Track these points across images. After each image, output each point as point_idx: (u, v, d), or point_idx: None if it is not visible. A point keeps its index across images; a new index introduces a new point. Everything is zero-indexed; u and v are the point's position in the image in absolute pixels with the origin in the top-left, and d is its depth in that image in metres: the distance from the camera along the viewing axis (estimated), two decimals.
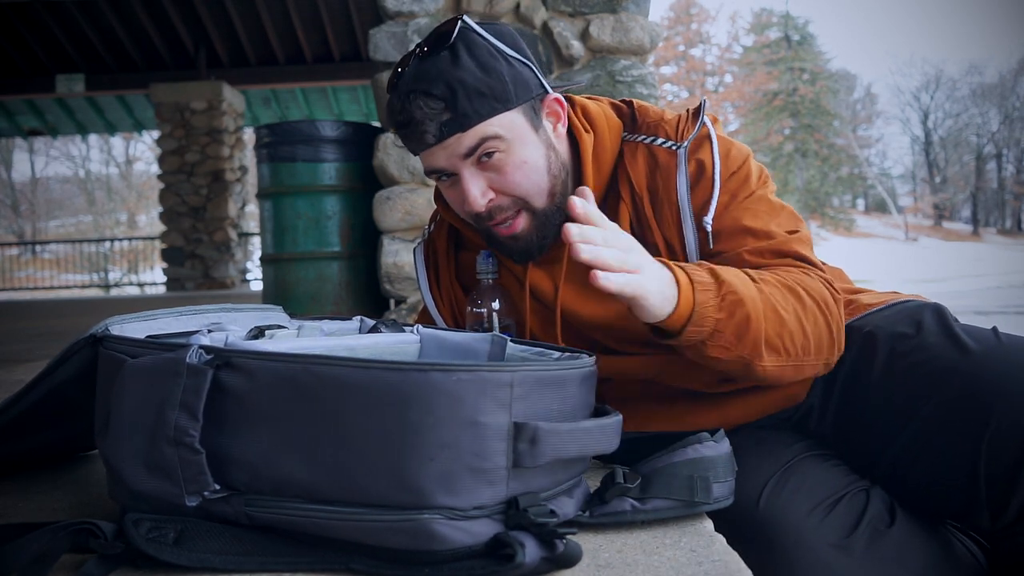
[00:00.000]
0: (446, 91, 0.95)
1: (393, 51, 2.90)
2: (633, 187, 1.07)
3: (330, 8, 8.57)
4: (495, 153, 0.99)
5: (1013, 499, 0.87)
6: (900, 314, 1.03)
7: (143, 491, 0.75)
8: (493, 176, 1.01)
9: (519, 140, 1.00)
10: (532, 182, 1.02)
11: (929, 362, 0.96)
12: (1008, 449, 0.87)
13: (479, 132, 0.97)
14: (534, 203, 1.03)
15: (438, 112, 0.96)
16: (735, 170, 1.05)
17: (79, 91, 9.52)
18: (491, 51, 0.98)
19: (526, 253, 1.07)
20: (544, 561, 0.69)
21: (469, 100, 0.95)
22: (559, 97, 1.06)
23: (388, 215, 2.92)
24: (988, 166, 39.50)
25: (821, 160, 35.17)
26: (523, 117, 1.00)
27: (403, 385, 0.68)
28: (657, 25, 2.98)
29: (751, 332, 0.89)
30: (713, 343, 0.89)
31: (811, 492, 0.99)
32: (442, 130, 0.97)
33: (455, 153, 0.99)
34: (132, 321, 0.96)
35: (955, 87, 39.29)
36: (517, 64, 1.00)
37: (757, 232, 1.02)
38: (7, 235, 28.05)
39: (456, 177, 1.02)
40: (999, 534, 0.91)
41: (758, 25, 38.27)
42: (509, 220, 1.04)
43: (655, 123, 1.08)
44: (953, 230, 37.13)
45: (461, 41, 0.96)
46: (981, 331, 0.97)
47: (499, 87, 0.97)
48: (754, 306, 0.89)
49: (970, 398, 0.91)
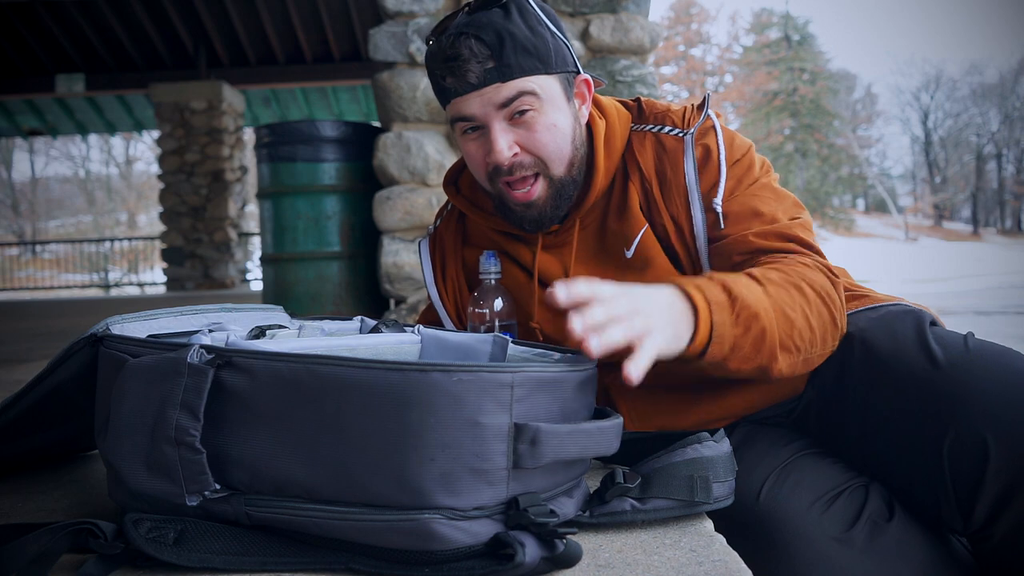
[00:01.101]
0: (495, 39, 0.99)
1: (393, 51, 2.90)
2: (643, 173, 1.11)
3: (330, 8, 8.57)
4: (528, 111, 1.02)
5: (978, 505, 0.88)
6: (882, 319, 1.04)
7: (143, 491, 0.75)
8: (522, 133, 1.04)
9: (552, 103, 1.04)
10: (557, 146, 1.05)
11: (897, 370, 0.97)
12: (969, 456, 0.87)
13: (518, 85, 1.01)
14: (553, 169, 1.06)
15: (484, 58, 1.00)
16: (739, 157, 1.09)
17: (79, 91, 9.52)
18: (539, 18, 1.03)
19: (538, 222, 1.10)
20: (544, 561, 0.69)
21: (515, 53, 1.00)
22: (588, 79, 1.10)
23: (388, 215, 2.92)
24: (988, 166, 39.53)
25: (821, 160, 35.20)
26: (559, 84, 1.05)
27: (404, 385, 0.68)
28: (657, 25, 2.98)
29: (767, 341, 0.90)
30: (733, 357, 0.90)
31: (811, 487, 1.00)
32: (486, 75, 1.00)
33: (491, 102, 1.01)
34: (132, 321, 0.96)
35: (955, 87, 39.34)
36: (559, 39, 1.05)
37: (763, 215, 1.05)
38: (7, 235, 28.06)
39: (484, 129, 1.04)
40: (973, 537, 0.92)
41: (758, 25, 38.28)
42: (528, 183, 1.06)
43: (662, 113, 1.13)
44: (953, 230, 37.15)
45: (513, 2, 1.02)
46: (953, 339, 0.97)
47: (544, 49, 1.02)
48: (767, 316, 0.90)
49: (932, 406, 0.91)
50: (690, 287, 0.87)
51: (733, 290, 0.89)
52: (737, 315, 0.88)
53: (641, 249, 1.10)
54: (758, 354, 0.91)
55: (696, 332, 0.86)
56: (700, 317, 0.86)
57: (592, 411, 0.83)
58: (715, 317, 0.86)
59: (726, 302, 0.88)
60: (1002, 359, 0.92)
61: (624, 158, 1.13)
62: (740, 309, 0.88)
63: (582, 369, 0.79)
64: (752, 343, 0.89)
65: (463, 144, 1.08)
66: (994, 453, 0.86)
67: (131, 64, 9.48)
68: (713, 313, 0.86)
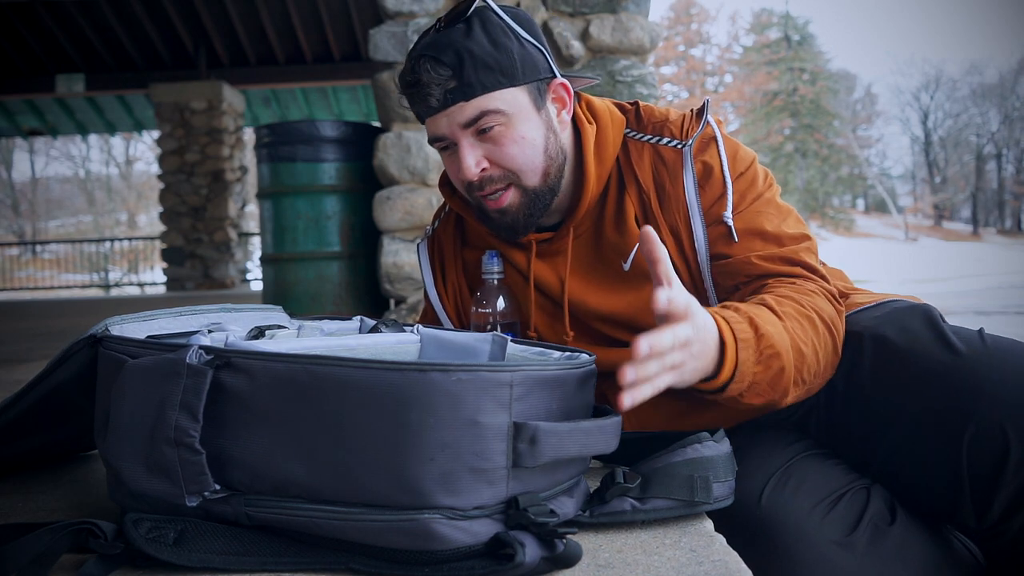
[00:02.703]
0: (454, 59, 0.99)
1: (393, 51, 2.90)
2: (640, 185, 1.09)
3: (330, 8, 8.57)
4: (494, 127, 1.02)
5: (996, 499, 0.88)
6: (890, 315, 1.03)
7: (143, 491, 0.75)
8: (490, 147, 1.04)
9: (520, 116, 1.03)
10: (527, 158, 1.04)
11: (914, 364, 0.96)
12: (989, 450, 0.87)
13: (480, 105, 1.01)
14: (525, 180, 1.06)
15: (444, 79, 1.00)
16: (743, 171, 1.07)
17: (79, 91, 9.51)
18: (504, 29, 1.02)
19: (512, 229, 1.10)
20: (544, 561, 0.69)
21: (475, 71, 0.99)
22: (565, 83, 1.09)
23: (388, 215, 2.92)
24: (988, 166, 39.51)
25: (821, 160, 35.19)
26: (527, 96, 1.04)
27: (403, 385, 0.68)
28: (657, 25, 2.98)
29: (783, 380, 0.91)
30: (749, 393, 0.90)
31: (812, 490, 0.99)
32: (447, 96, 1.00)
33: (456, 121, 1.02)
34: (132, 321, 0.96)
35: (955, 87, 39.32)
36: (528, 46, 1.04)
37: (767, 235, 1.04)
38: (7, 235, 28.05)
39: (456, 147, 1.05)
40: (986, 533, 0.92)
41: (758, 25, 38.27)
42: (499, 192, 1.06)
43: (660, 123, 1.11)
44: (953, 230, 37.13)
45: (477, 16, 1.01)
46: (967, 333, 0.97)
47: (507, 63, 1.01)
48: (787, 356, 0.90)
49: (952, 400, 0.91)
50: (719, 320, 0.86)
51: (760, 328, 0.88)
52: (760, 352, 0.88)
53: (639, 263, 1.09)
54: (773, 391, 0.91)
55: (721, 368, 0.85)
56: (727, 355, 0.85)
57: (591, 409, 0.83)
58: (740, 355, 0.86)
59: (752, 339, 0.87)
60: (1021, 352, 0.92)
61: (620, 166, 1.11)
62: (764, 347, 0.88)
63: (581, 368, 0.79)
64: (770, 381, 0.90)
65: (443, 160, 1.10)
66: (1015, 447, 0.85)
67: (131, 64, 9.48)
68: (740, 351, 0.86)
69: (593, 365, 0.83)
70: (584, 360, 0.81)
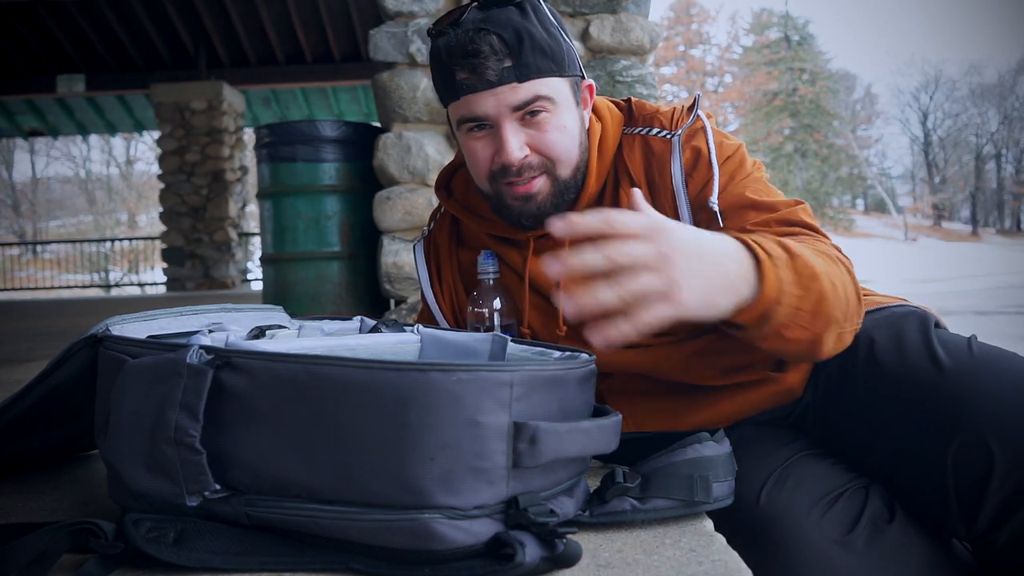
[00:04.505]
0: (514, 38, 0.97)
1: (393, 51, 2.90)
2: (631, 178, 1.10)
3: (330, 8, 8.57)
4: (541, 112, 1.01)
5: (982, 511, 0.87)
6: (886, 320, 1.03)
7: (143, 491, 0.75)
8: (533, 133, 1.02)
9: (564, 106, 1.03)
10: (566, 147, 1.04)
11: (902, 373, 0.96)
12: (974, 463, 0.86)
13: (533, 88, 0.99)
14: (559, 170, 1.05)
15: (504, 55, 0.97)
16: (730, 155, 1.06)
17: (79, 91, 9.52)
18: (551, 20, 1.02)
19: (535, 216, 1.06)
20: (544, 561, 0.69)
21: (533, 53, 0.98)
22: (592, 84, 1.09)
23: (388, 215, 2.92)
24: (987, 166, 39.52)
25: (821, 160, 35.20)
26: (568, 88, 1.04)
27: (403, 385, 0.68)
28: (657, 25, 2.97)
29: (825, 308, 0.84)
30: (793, 326, 0.83)
31: (811, 489, 0.99)
32: (503, 73, 0.98)
33: (505, 102, 0.99)
34: (132, 321, 0.96)
35: (955, 87, 39.34)
36: (568, 42, 1.05)
37: (759, 205, 1.01)
38: (7, 235, 28.04)
39: (493, 129, 1.02)
40: (976, 542, 0.92)
41: (758, 25, 38.28)
42: (531, 178, 1.04)
43: (651, 115, 1.11)
44: (953, 230, 37.13)
45: (528, 1, 1.00)
46: (957, 342, 0.95)
47: (558, 51, 1.01)
48: (826, 279, 0.84)
49: (937, 412, 0.90)
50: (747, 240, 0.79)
51: (791, 247, 0.81)
52: (798, 273, 0.80)
53: None
54: (814, 321, 0.83)
55: (761, 290, 0.77)
56: (765, 271, 0.76)
57: (592, 409, 0.83)
58: (781, 273, 0.77)
59: (786, 259, 0.80)
60: (1007, 364, 0.90)
61: (615, 162, 1.12)
62: (800, 267, 0.80)
63: (581, 367, 0.79)
64: (811, 308, 0.82)
65: (467, 142, 1.05)
66: (999, 461, 0.84)
67: (131, 64, 9.48)
68: (778, 268, 0.77)
69: (593, 365, 0.83)
70: (584, 360, 0.81)
